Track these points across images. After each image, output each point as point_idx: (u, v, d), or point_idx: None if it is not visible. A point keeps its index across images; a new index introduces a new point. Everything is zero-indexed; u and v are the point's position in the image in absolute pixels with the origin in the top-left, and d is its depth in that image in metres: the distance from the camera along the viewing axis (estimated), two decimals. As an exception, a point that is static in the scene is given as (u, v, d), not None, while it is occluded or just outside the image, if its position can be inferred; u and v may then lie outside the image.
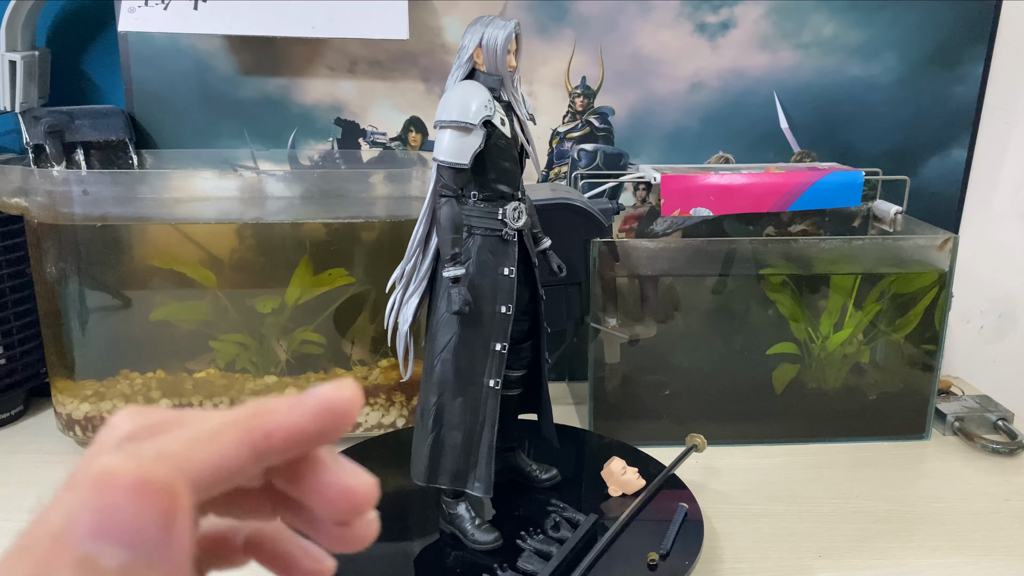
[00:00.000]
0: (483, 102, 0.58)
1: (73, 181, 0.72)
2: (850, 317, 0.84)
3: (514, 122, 0.61)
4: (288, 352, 0.80)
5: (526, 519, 0.65)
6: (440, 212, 0.59)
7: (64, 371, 0.79)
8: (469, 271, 0.59)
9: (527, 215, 0.61)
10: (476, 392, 0.61)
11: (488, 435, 0.61)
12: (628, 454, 0.76)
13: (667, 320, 0.83)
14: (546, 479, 0.71)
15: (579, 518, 0.65)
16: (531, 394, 0.68)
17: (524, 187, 0.63)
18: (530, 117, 0.62)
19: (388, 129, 0.92)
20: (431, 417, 0.61)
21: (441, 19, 0.88)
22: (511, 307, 0.60)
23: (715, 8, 0.90)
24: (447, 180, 0.58)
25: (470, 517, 0.63)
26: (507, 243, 0.60)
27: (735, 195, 0.84)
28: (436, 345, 0.61)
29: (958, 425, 0.87)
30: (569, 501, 0.68)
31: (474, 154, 0.58)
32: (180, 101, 0.89)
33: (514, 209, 0.60)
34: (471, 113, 0.57)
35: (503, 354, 0.60)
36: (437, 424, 0.61)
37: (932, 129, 0.95)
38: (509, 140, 0.60)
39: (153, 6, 0.79)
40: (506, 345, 0.60)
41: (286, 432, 0.22)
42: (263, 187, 0.76)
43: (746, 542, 0.68)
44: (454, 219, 0.59)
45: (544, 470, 0.71)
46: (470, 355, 0.60)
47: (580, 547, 0.61)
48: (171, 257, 0.77)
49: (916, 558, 0.67)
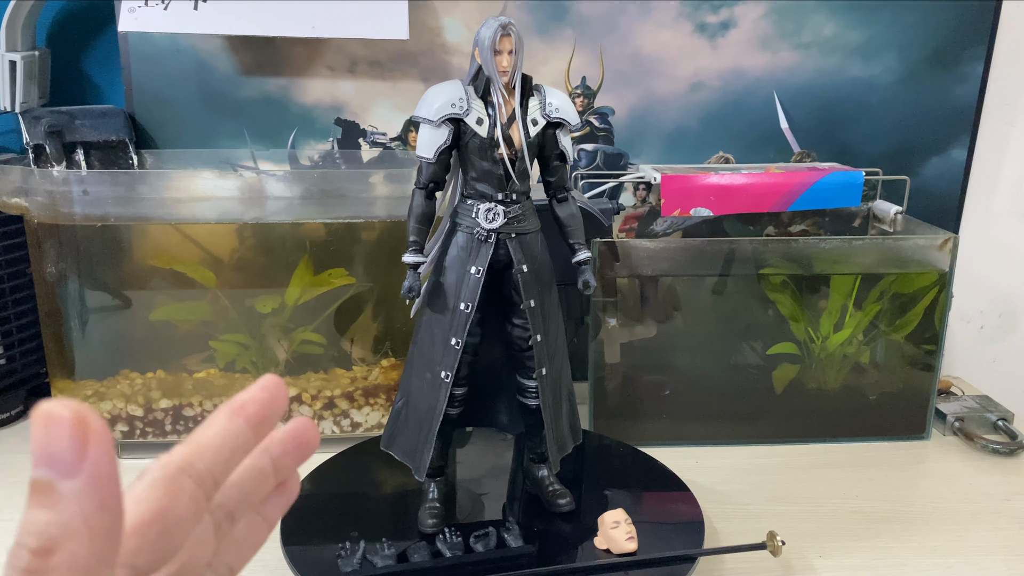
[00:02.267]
0: (450, 100, 0.59)
1: (73, 181, 0.72)
2: (850, 317, 0.84)
3: (498, 124, 0.60)
4: (288, 352, 0.80)
5: (477, 518, 0.67)
6: (410, 202, 0.62)
7: (64, 371, 0.79)
8: (441, 263, 0.63)
9: (509, 219, 0.61)
10: (433, 380, 0.63)
11: (433, 423, 0.63)
12: (628, 454, 0.76)
13: (667, 320, 0.83)
14: (560, 504, 0.67)
15: (511, 543, 0.61)
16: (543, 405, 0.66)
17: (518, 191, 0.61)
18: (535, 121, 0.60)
19: (388, 129, 0.92)
20: (401, 392, 0.66)
21: (441, 19, 0.88)
22: (472, 306, 0.61)
23: (715, 8, 0.90)
24: (420, 172, 0.62)
25: (429, 497, 0.66)
26: (481, 243, 0.61)
27: (735, 195, 0.84)
28: (416, 327, 0.65)
29: (958, 425, 0.87)
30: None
31: (438, 150, 0.60)
32: (180, 101, 0.89)
33: (488, 210, 0.61)
34: (433, 110, 0.60)
35: (457, 350, 0.62)
36: (402, 398, 0.66)
37: (932, 129, 0.95)
38: (485, 140, 0.60)
39: (153, 6, 0.79)
40: (460, 342, 0.62)
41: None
42: (263, 187, 0.76)
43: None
44: (415, 210, 0.62)
45: (561, 495, 0.67)
46: (431, 344, 0.63)
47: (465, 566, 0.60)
48: (171, 257, 0.77)
49: (916, 558, 0.67)
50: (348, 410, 0.81)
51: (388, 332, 0.82)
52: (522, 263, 0.62)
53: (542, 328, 0.63)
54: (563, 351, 0.67)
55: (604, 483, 0.72)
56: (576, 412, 0.70)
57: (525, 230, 0.62)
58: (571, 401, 0.69)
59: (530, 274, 0.62)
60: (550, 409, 0.65)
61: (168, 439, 0.80)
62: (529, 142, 0.60)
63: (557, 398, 0.66)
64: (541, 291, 0.63)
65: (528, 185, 0.62)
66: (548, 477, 0.68)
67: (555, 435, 0.66)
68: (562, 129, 0.62)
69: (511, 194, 0.61)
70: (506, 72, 0.58)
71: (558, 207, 0.64)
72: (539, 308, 0.63)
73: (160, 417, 0.79)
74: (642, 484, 0.71)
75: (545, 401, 0.65)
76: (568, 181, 0.65)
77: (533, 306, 0.62)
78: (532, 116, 0.61)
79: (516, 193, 0.61)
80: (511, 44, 0.58)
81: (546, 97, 0.61)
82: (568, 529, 0.65)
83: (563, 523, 0.66)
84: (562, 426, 0.68)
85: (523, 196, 0.62)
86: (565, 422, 0.68)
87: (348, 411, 0.81)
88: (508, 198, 0.61)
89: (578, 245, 0.64)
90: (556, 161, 0.63)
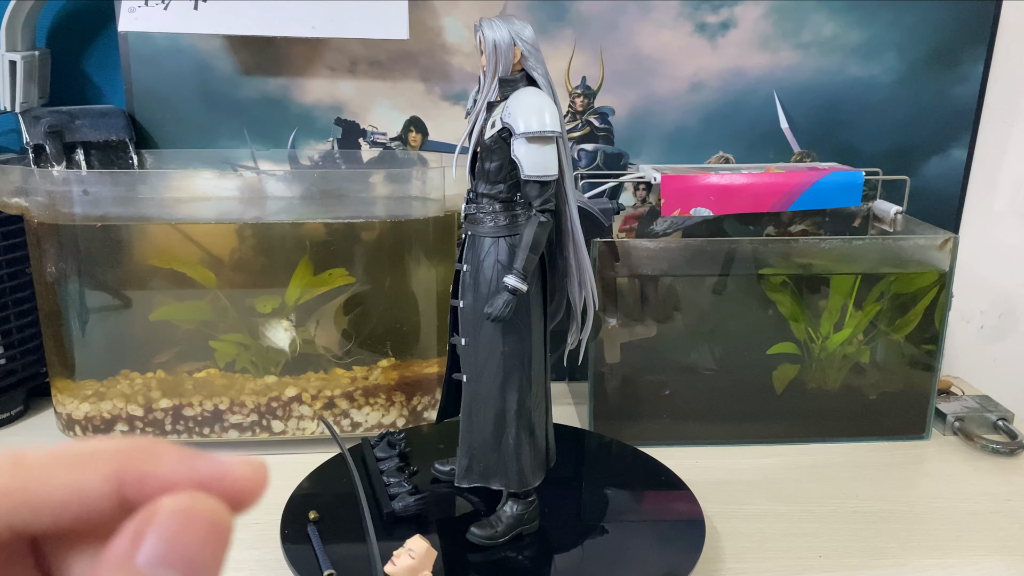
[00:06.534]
0: (472, 97, 0.62)
1: (73, 181, 0.72)
2: (850, 317, 0.84)
3: (476, 122, 0.60)
4: (289, 352, 0.80)
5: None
6: None
7: (64, 371, 0.79)
8: None
9: (467, 216, 0.61)
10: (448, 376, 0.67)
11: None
12: (628, 454, 0.76)
13: (667, 320, 0.83)
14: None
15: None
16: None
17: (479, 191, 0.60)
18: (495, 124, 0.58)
19: (388, 129, 0.92)
20: None
21: (441, 19, 0.88)
22: (458, 300, 0.62)
23: (715, 8, 0.90)
24: None
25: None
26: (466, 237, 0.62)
27: (735, 195, 0.84)
28: None
29: (958, 425, 0.87)
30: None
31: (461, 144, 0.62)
32: (180, 101, 0.89)
33: (464, 204, 0.62)
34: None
35: (452, 345, 0.63)
36: None
37: (932, 129, 0.95)
38: (466, 137, 0.61)
39: (153, 6, 0.79)
40: (453, 335, 0.63)
41: (160, 485, 0.20)
42: (263, 187, 0.76)
43: (746, 542, 0.68)
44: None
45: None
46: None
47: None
48: (171, 257, 0.77)
49: (916, 558, 0.67)
50: (348, 410, 0.81)
51: (389, 332, 0.82)
52: (465, 263, 0.61)
53: (471, 332, 0.61)
54: (504, 373, 0.61)
55: (604, 483, 0.72)
56: (519, 455, 0.62)
57: (479, 232, 0.60)
58: (516, 437, 0.61)
59: (468, 275, 0.61)
60: (467, 420, 0.63)
61: (168, 439, 0.80)
62: (485, 144, 0.59)
63: (483, 418, 0.62)
64: (476, 296, 0.60)
65: (494, 188, 0.59)
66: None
67: (466, 448, 0.63)
68: (516, 136, 0.57)
69: (471, 193, 0.61)
70: (486, 73, 0.58)
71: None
72: (470, 311, 0.61)
73: (160, 417, 0.79)
74: (642, 484, 0.71)
75: (464, 410, 0.63)
76: (536, 199, 0.57)
77: (463, 307, 0.61)
78: (496, 118, 0.58)
79: (476, 193, 0.60)
80: (481, 44, 0.58)
81: (512, 100, 0.57)
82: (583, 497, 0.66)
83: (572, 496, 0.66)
84: (480, 445, 0.63)
85: (485, 197, 0.60)
86: (491, 451, 0.62)
87: (348, 411, 0.81)
88: (469, 196, 0.61)
89: (513, 269, 0.58)
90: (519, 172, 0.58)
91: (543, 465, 0.65)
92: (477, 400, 0.62)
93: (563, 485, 0.71)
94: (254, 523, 0.69)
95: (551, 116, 0.56)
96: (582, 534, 0.64)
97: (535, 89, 0.58)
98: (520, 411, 0.61)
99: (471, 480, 0.63)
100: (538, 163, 0.56)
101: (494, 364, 0.61)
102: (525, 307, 0.60)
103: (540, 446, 0.64)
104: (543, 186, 0.57)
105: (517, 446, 0.62)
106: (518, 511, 0.63)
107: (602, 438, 0.80)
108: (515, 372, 0.61)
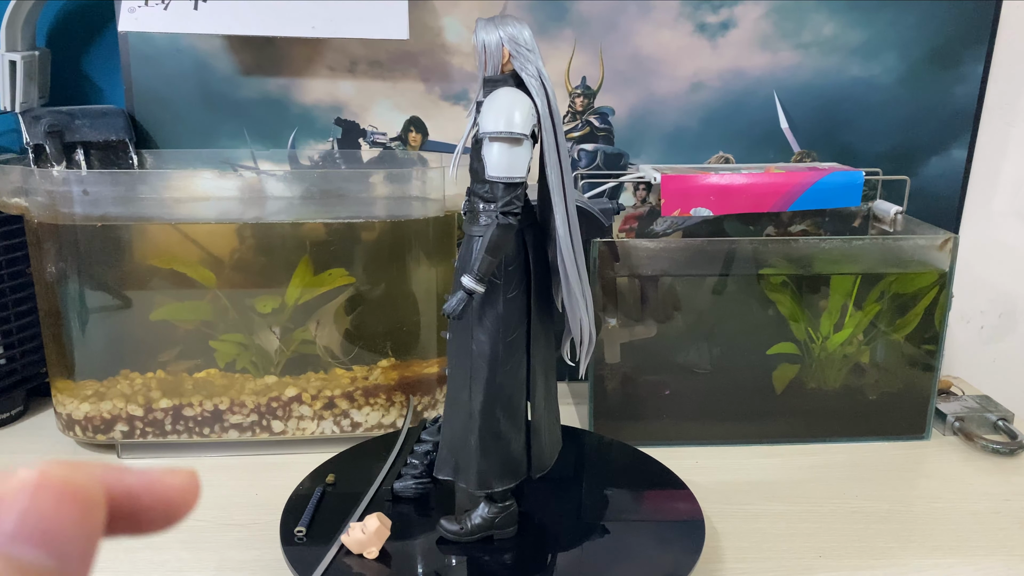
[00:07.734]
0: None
1: (73, 181, 0.72)
2: (850, 317, 0.84)
3: (470, 122, 0.59)
4: (289, 352, 0.80)
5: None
6: None
7: (64, 371, 0.79)
8: None
9: (463, 213, 0.61)
10: None
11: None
12: (628, 454, 0.76)
13: (667, 320, 0.83)
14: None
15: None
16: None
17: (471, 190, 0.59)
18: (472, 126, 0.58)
19: (388, 129, 0.92)
20: None
21: (441, 19, 0.88)
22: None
23: (715, 8, 0.90)
24: None
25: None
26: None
27: (735, 195, 0.84)
28: None
29: (958, 425, 0.87)
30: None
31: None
32: (180, 101, 0.89)
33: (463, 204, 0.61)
34: None
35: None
36: None
37: (932, 129, 0.95)
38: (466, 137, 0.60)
39: (153, 6, 0.79)
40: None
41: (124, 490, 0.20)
42: (263, 187, 0.76)
43: (746, 542, 0.68)
44: None
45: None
46: None
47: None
48: (171, 257, 0.77)
49: (916, 558, 0.67)
50: (348, 410, 0.81)
51: (389, 332, 0.82)
52: (457, 259, 0.61)
53: (452, 328, 0.61)
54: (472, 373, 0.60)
55: (604, 483, 0.72)
56: (481, 457, 0.61)
57: (469, 231, 0.60)
58: (478, 439, 0.60)
59: (457, 271, 0.60)
60: (446, 412, 0.63)
61: (168, 439, 0.80)
62: (472, 144, 0.59)
63: (454, 414, 0.62)
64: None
65: (482, 188, 0.58)
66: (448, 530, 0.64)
67: (446, 440, 0.63)
68: (481, 136, 0.55)
69: (471, 192, 0.60)
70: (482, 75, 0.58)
71: None
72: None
73: (160, 417, 0.79)
74: (642, 484, 0.71)
75: (446, 401, 0.63)
76: (500, 200, 0.56)
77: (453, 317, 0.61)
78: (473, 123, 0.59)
79: (470, 192, 0.60)
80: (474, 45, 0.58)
81: (486, 100, 0.56)
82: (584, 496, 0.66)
83: (573, 495, 0.66)
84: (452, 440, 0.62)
85: (475, 197, 0.59)
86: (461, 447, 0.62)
87: (348, 411, 0.81)
88: (470, 195, 0.60)
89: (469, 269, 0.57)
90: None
91: (514, 472, 0.62)
92: (451, 395, 0.62)
93: (563, 485, 0.71)
94: (254, 523, 0.69)
95: (521, 116, 0.54)
96: (582, 534, 0.64)
97: (511, 89, 0.56)
98: (484, 413, 0.60)
99: (445, 472, 0.63)
100: (500, 164, 0.55)
101: (465, 362, 0.60)
102: (495, 310, 0.58)
103: (510, 451, 0.62)
104: (507, 187, 0.55)
105: (479, 447, 0.60)
106: (489, 514, 0.63)
107: (602, 438, 0.80)
108: (481, 373, 0.59)
